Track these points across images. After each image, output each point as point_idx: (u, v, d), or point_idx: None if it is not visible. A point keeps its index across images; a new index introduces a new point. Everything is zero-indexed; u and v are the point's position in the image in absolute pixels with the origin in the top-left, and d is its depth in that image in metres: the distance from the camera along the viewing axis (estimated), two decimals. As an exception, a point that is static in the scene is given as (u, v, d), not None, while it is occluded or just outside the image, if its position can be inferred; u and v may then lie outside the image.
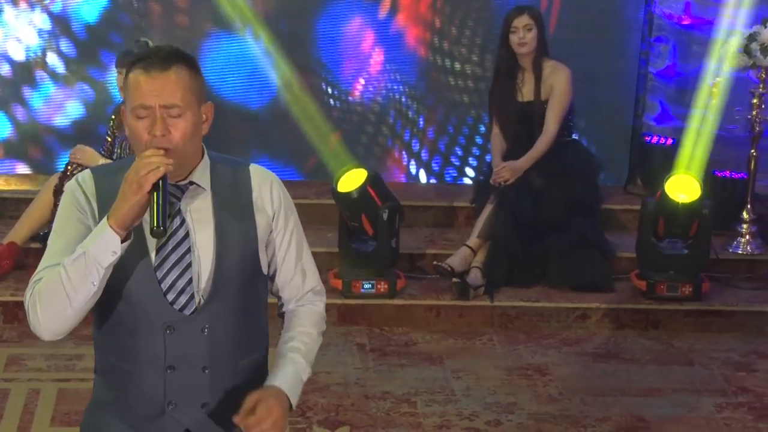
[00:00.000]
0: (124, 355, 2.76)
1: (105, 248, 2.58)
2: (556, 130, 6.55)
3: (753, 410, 5.45)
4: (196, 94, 2.71)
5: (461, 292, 6.34)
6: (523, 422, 5.25)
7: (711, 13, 7.43)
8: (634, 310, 6.40)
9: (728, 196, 7.10)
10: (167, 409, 2.76)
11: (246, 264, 2.79)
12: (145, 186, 2.57)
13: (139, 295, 2.71)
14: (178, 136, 2.67)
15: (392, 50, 7.52)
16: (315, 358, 2.95)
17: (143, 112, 2.67)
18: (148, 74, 2.66)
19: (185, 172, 2.75)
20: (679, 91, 7.57)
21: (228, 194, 2.79)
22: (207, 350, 2.75)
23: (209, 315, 2.74)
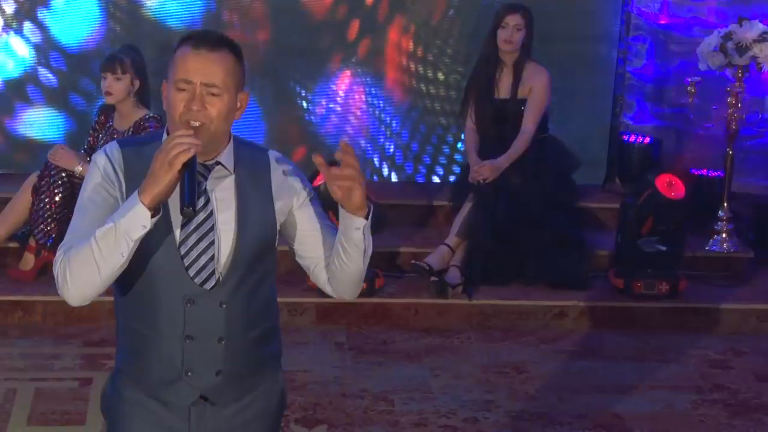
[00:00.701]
0: (146, 322, 2.90)
1: (135, 222, 2.70)
2: (533, 131, 6.59)
3: (728, 407, 5.49)
4: (236, 80, 2.84)
5: (439, 291, 6.37)
6: (499, 420, 5.27)
7: (687, 12, 7.47)
8: (611, 308, 6.43)
9: (705, 195, 7.14)
10: (185, 375, 2.91)
11: (263, 244, 2.91)
12: (175, 165, 2.67)
13: (163, 268, 2.85)
14: (214, 113, 2.80)
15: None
16: (369, 246, 2.94)
17: (184, 85, 2.80)
18: (197, 51, 2.81)
19: (212, 154, 2.87)
20: (657, 89, 7.61)
21: (249, 177, 2.92)
22: (223, 323, 2.88)
23: (227, 290, 2.88)
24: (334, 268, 2.96)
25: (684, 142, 7.61)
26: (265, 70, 7.47)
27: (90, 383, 5.44)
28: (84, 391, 5.37)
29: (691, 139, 7.57)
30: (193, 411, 2.95)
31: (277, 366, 3.10)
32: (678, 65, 7.48)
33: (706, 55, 6.69)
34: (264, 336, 2.99)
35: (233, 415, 2.98)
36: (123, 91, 6.05)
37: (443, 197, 7.11)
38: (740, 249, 6.96)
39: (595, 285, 6.59)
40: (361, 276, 2.98)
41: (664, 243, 6.45)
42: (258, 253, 2.91)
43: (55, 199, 6.16)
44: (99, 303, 6.04)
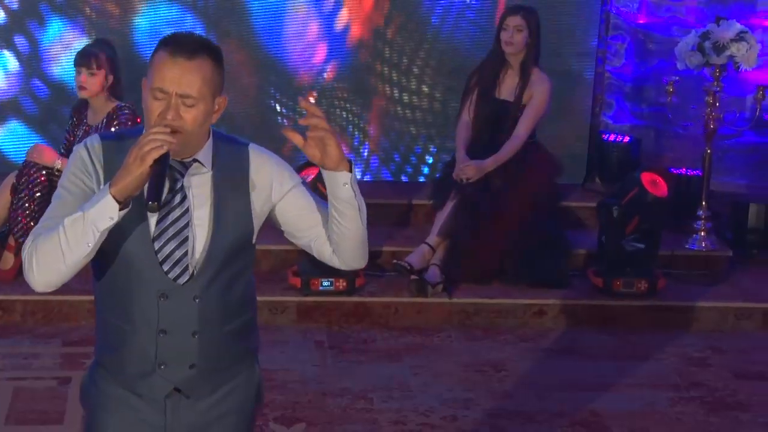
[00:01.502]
0: (121, 315, 2.92)
1: (103, 213, 2.72)
2: (526, 137, 6.60)
3: (705, 404, 5.53)
4: (213, 86, 2.83)
5: (419, 290, 6.38)
6: (478, 418, 5.29)
7: (666, 11, 7.51)
8: (590, 306, 6.46)
9: (684, 194, 7.18)
10: (158, 368, 2.92)
11: (239, 240, 2.92)
12: (147, 160, 2.69)
13: (137, 262, 2.87)
14: (189, 121, 2.81)
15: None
16: (362, 202, 2.95)
17: (160, 95, 2.80)
18: (174, 59, 2.79)
19: (191, 152, 2.88)
20: (636, 89, 7.65)
21: (227, 174, 2.92)
22: (197, 317, 2.90)
23: (201, 285, 2.89)
24: (334, 237, 2.95)
25: (663, 141, 7.66)
26: (239, 88, 7.49)
27: (69, 382, 5.44)
28: (63, 390, 5.37)
29: (670, 138, 7.62)
30: (168, 403, 2.96)
31: (253, 360, 3.10)
32: (657, 64, 7.52)
33: (683, 55, 6.73)
34: (239, 330, 3.00)
35: (209, 408, 2.99)
36: (97, 86, 6.06)
37: (423, 196, 7.13)
38: (718, 247, 7.00)
39: (574, 283, 6.62)
40: (363, 236, 2.97)
41: (642, 241, 6.47)
42: (234, 249, 2.91)
43: (35, 198, 6.16)
44: (78, 302, 6.08)
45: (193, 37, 2.85)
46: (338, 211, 2.90)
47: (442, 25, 7.56)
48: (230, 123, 7.32)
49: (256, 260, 6.74)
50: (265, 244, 6.66)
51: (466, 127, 6.74)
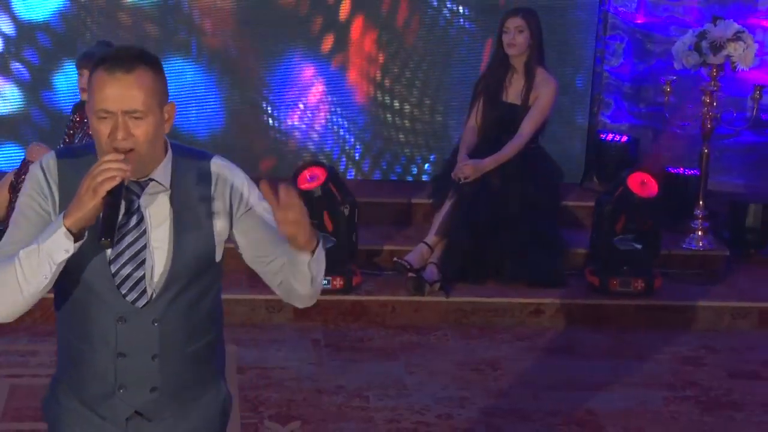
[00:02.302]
0: (80, 337, 2.87)
1: (58, 246, 2.67)
2: (529, 138, 6.59)
3: (700, 404, 5.54)
4: (158, 96, 2.75)
5: (416, 288, 6.40)
6: (473, 416, 5.31)
7: (664, 11, 7.52)
8: (586, 305, 6.47)
9: (681, 193, 7.19)
10: (117, 392, 2.86)
11: (200, 260, 2.85)
12: (99, 192, 2.63)
13: (93, 286, 2.80)
14: (141, 138, 2.72)
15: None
16: (319, 273, 2.88)
17: (105, 114, 2.72)
18: (112, 76, 2.70)
19: (147, 170, 2.80)
20: (634, 88, 7.66)
21: (188, 191, 2.84)
22: (157, 340, 2.84)
23: (160, 308, 2.83)
24: (284, 283, 2.90)
25: (661, 140, 7.67)
26: (233, 77, 7.52)
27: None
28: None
29: (667, 138, 7.62)
30: (130, 424, 2.90)
31: (218, 378, 3.03)
32: (655, 64, 7.53)
33: (681, 54, 6.74)
34: (203, 351, 2.92)
35: (172, 427, 2.92)
36: None
37: (423, 195, 7.14)
38: (715, 247, 7.01)
39: (571, 283, 6.63)
40: (312, 295, 2.91)
41: (639, 241, 6.49)
42: (196, 270, 2.84)
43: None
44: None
45: (127, 50, 2.76)
46: (293, 273, 2.84)
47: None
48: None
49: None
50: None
51: (471, 131, 6.74)
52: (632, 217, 6.46)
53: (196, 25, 7.47)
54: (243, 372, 5.66)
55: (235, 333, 6.04)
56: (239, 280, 6.48)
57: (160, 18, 7.43)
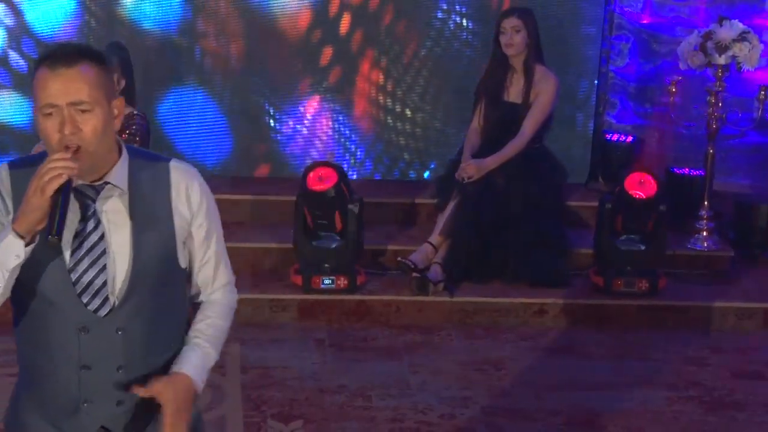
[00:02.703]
0: (40, 351, 2.78)
1: (8, 252, 2.61)
2: (531, 135, 6.60)
3: (703, 404, 5.54)
4: (104, 89, 2.69)
5: (420, 288, 6.41)
6: (476, 416, 5.32)
7: (670, 11, 7.51)
8: (591, 305, 6.47)
9: (686, 193, 7.19)
10: (82, 406, 2.78)
11: (163, 264, 2.79)
12: (46, 191, 2.57)
13: (54, 296, 2.72)
14: (89, 132, 2.66)
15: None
16: (221, 347, 2.95)
17: (50, 110, 2.65)
18: (54, 71, 2.65)
19: (100, 172, 2.73)
20: (640, 89, 7.65)
21: (146, 194, 2.77)
22: (122, 350, 2.76)
23: (124, 316, 2.75)
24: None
25: (666, 141, 7.66)
26: (235, 84, 7.54)
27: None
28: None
29: (673, 138, 7.62)
30: None
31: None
32: (660, 64, 7.52)
33: (686, 55, 6.74)
34: (171, 363, 2.84)
35: None
36: None
37: (427, 195, 7.15)
38: (721, 247, 7.01)
39: (575, 283, 6.63)
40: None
41: (643, 242, 6.49)
42: (159, 275, 2.77)
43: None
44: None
45: (70, 46, 2.71)
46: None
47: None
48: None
49: (258, 258, 6.86)
50: (266, 242, 6.76)
51: (475, 133, 6.75)
52: (630, 217, 6.46)
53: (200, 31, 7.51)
54: (246, 371, 5.67)
55: (239, 332, 6.04)
56: (243, 280, 6.48)
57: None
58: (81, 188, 2.72)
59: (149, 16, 7.42)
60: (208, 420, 5.09)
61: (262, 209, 7.11)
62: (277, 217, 6.91)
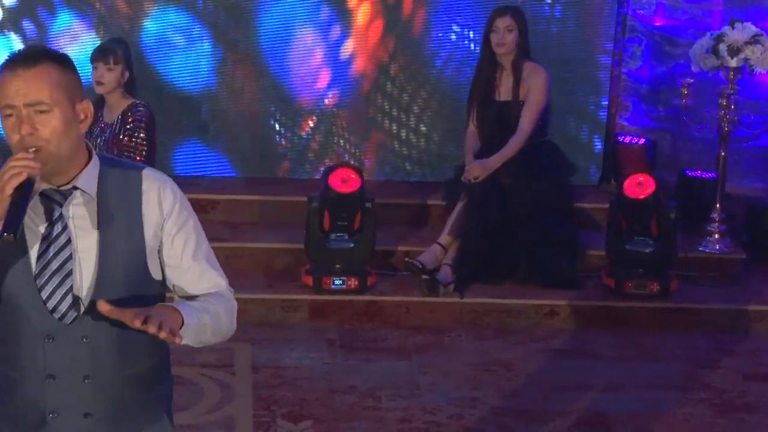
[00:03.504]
0: (8, 361, 2.75)
1: None
2: (530, 131, 6.62)
3: (713, 406, 5.53)
4: (67, 91, 2.67)
5: (431, 289, 6.42)
6: (484, 416, 5.33)
7: (683, 14, 7.51)
8: (602, 307, 6.47)
9: (699, 196, 7.18)
10: (48, 417, 2.73)
11: (131, 272, 2.73)
12: (6, 190, 2.55)
13: (19, 302, 2.69)
14: (47, 133, 2.64)
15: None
16: (215, 317, 2.81)
17: (9, 110, 2.64)
18: (13, 72, 2.64)
19: (67, 173, 2.71)
20: (652, 91, 7.65)
21: (116, 200, 2.73)
22: (88, 360, 2.70)
23: (90, 324, 2.69)
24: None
25: (679, 143, 7.65)
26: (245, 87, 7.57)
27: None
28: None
29: (685, 141, 7.61)
30: None
31: (162, 411, 2.87)
32: (673, 67, 7.52)
33: (698, 57, 6.73)
34: (143, 377, 2.78)
35: None
36: (114, 82, 6.08)
37: (437, 196, 7.16)
38: (732, 250, 6.99)
39: (587, 285, 6.63)
40: (224, 334, 2.85)
41: (652, 243, 6.49)
42: (127, 283, 2.72)
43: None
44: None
45: (32, 48, 2.72)
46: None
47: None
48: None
49: (270, 259, 6.87)
50: (279, 242, 6.78)
51: (473, 136, 6.78)
52: (631, 218, 6.47)
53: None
54: (257, 371, 5.70)
55: (250, 332, 6.08)
56: (255, 280, 6.53)
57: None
58: (48, 192, 2.70)
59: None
60: (217, 419, 5.16)
61: (273, 209, 7.13)
62: (289, 218, 6.92)
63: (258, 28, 7.50)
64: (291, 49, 7.52)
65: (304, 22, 7.47)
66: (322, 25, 7.48)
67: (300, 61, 7.52)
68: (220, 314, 2.82)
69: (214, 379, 5.55)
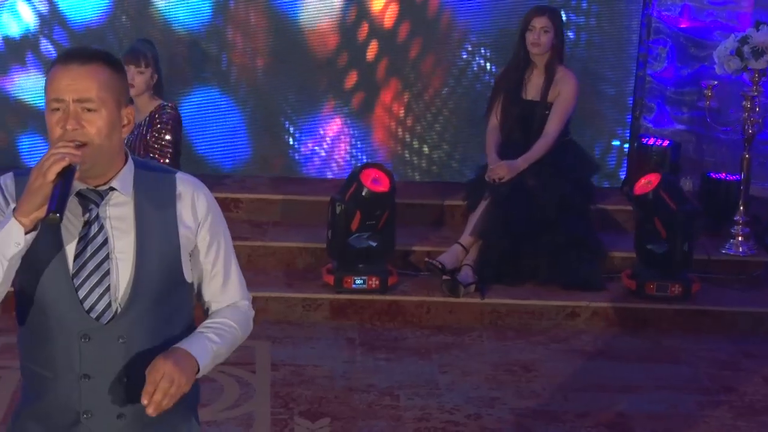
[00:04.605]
0: (41, 361, 2.76)
1: (8, 239, 2.58)
2: (556, 135, 6.62)
3: (733, 408, 5.50)
4: (115, 93, 2.69)
5: (451, 290, 6.42)
6: (503, 416, 5.32)
7: (708, 16, 7.48)
8: (623, 309, 6.45)
9: (723, 198, 7.15)
10: (82, 418, 2.74)
11: (167, 274, 2.75)
12: (48, 175, 2.55)
13: (56, 302, 2.70)
14: (93, 131, 2.65)
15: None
16: (231, 346, 2.88)
17: (57, 104, 2.65)
18: (66, 67, 2.66)
19: (104, 175, 2.72)
20: (677, 93, 7.62)
21: (151, 203, 2.75)
22: (124, 360, 2.72)
23: (126, 324, 2.71)
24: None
25: (703, 145, 7.63)
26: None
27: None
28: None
29: (710, 143, 7.59)
30: None
31: (191, 414, 2.90)
32: (698, 69, 7.49)
33: (722, 59, 6.71)
34: None
35: None
36: (144, 84, 6.11)
37: (459, 197, 7.15)
38: (756, 253, 6.96)
39: (609, 286, 6.61)
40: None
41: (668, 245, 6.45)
42: (162, 285, 2.74)
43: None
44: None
45: (88, 48, 2.73)
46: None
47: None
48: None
49: (292, 258, 6.88)
50: (301, 241, 6.80)
51: (494, 130, 6.77)
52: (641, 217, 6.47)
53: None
54: (276, 369, 5.71)
55: (270, 330, 6.10)
56: (275, 278, 6.55)
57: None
58: (85, 192, 2.72)
59: (179, 20, 7.52)
60: (235, 416, 5.17)
61: (297, 209, 7.15)
62: (312, 217, 6.94)
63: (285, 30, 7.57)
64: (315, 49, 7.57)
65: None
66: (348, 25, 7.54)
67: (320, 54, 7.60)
68: (236, 335, 2.89)
69: (233, 377, 5.57)
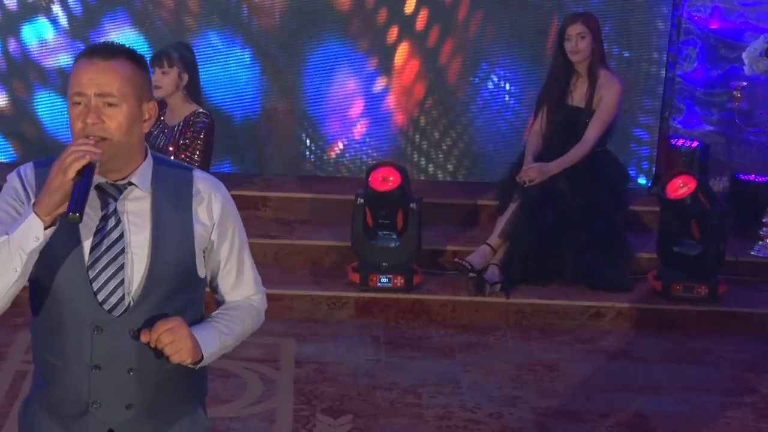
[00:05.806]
0: (52, 350, 2.79)
1: (28, 233, 2.61)
2: (594, 142, 6.59)
3: (756, 410, 5.49)
4: (136, 89, 2.72)
5: (477, 288, 6.44)
6: (524, 416, 5.33)
7: (738, 17, 7.45)
8: (649, 309, 6.45)
9: (751, 200, 7.13)
10: (91, 408, 2.78)
11: (181, 269, 2.79)
12: (68, 172, 2.57)
13: (70, 292, 2.74)
14: (113, 126, 2.68)
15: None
16: (239, 335, 2.94)
17: (79, 98, 2.69)
18: (90, 61, 2.70)
19: (124, 170, 2.76)
20: (706, 94, 7.60)
21: (169, 199, 2.79)
22: (134, 352, 2.76)
23: (138, 318, 2.74)
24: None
25: (733, 147, 7.60)
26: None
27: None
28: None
29: (739, 144, 7.56)
30: None
31: (198, 404, 2.95)
32: (728, 70, 7.47)
33: (751, 60, 6.69)
34: (183, 372, 2.83)
35: None
36: (171, 85, 6.07)
37: (489, 197, 7.17)
38: (784, 254, 6.94)
39: (635, 287, 6.61)
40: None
41: (700, 246, 6.44)
42: (175, 280, 2.78)
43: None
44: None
45: (112, 43, 2.77)
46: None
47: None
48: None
49: (318, 256, 6.92)
50: (327, 240, 6.84)
51: (536, 135, 6.74)
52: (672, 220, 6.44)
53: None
54: (300, 366, 5.75)
55: (295, 328, 6.15)
56: (302, 276, 6.60)
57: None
58: (103, 186, 2.75)
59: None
60: (258, 412, 5.22)
61: (324, 207, 7.20)
62: (339, 215, 6.98)
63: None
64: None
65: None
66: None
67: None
68: (246, 328, 2.95)
69: (257, 373, 5.62)
